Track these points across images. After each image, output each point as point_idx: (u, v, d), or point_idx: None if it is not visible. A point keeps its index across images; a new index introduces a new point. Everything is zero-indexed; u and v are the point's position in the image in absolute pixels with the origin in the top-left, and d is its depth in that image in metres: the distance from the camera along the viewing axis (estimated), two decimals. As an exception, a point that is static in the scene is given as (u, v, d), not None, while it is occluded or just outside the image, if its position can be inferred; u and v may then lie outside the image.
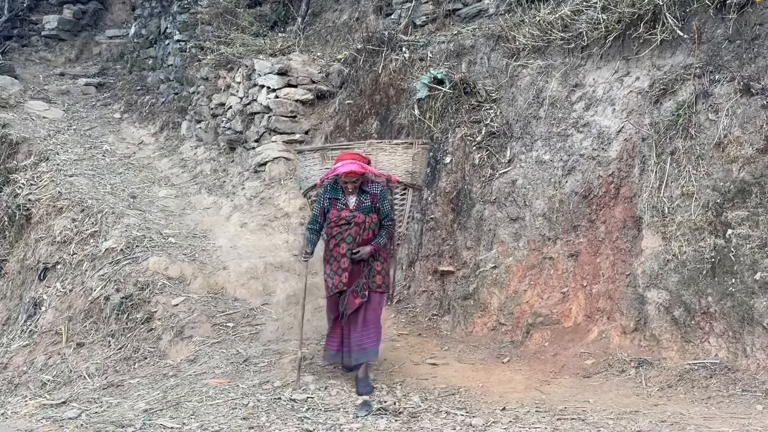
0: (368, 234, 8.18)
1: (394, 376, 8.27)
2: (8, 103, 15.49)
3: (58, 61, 18.01)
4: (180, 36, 16.03)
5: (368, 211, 8.19)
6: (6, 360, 10.70)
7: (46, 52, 18.06)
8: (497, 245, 9.40)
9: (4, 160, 13.89)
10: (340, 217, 8.18)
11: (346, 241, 8.17)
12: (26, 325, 11.12)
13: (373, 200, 8.21)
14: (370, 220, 8.18)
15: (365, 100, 11.61)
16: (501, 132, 9.81)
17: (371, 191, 8.23)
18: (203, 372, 8.64)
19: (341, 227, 8.20)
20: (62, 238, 11.81)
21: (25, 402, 8.88)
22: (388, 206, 8.31)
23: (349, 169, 8.04)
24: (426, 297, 9.89)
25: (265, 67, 12.92)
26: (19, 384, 10.01)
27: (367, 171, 8.19)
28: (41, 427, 7.60)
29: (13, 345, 10.95)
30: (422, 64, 11.02)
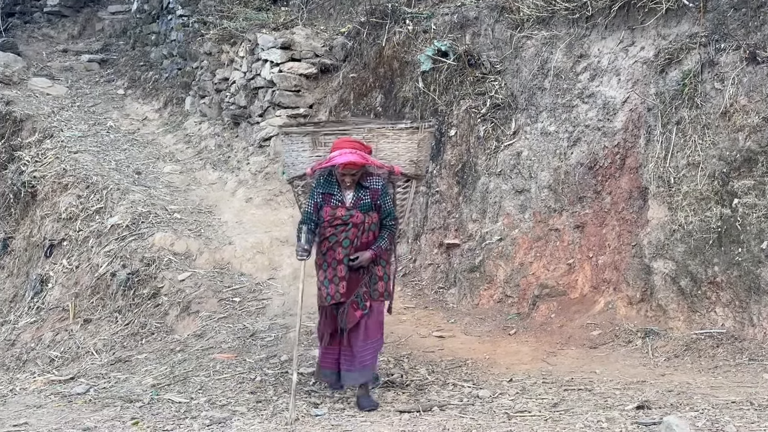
0: (368, 236, 7.14)
1: (401, 349, 8.28)
2: (12, 81, 15.47)
3: (60, 37, 17.96)
4: (182, 11, 15.95)
5: (368, 209, 7.15)
6: (14, 337, 10.74)
7: (49, 29, 18.02)
8: (503, 217, 9.39)
9: (8, 137, 13.89)
10: (335, 216, 7.11)
11: (342, 244, 7.09)
12: (33, 302, 11.15)
13: (373, 196, 7.17)
14: (369, 219, 7.14)
15: (369, 74, 11.57)
16: (506, 104, 9.77)
17: (371, 186, 7.19)
18: (210, 347, 8.66)
19: (336, 228, 7.11)
20: (68, 215, 11.82)
21: (34, 378, 8.91)
22: (390, 203, 7.32)
23: (347, 159, 6.96)
24: (432, 270, 9.89)
25: (268, 41, 12.87)
26: (28, 360, 10.05)
27: (369, 162, 7.15)
28: (50, 403, 7.65)
29: (20, 322, 10.98)
30: (426, 37, 10.96)
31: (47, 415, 7.14)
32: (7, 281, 11.95)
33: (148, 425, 6.59)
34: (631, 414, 6.16)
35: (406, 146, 7.59)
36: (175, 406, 7.09)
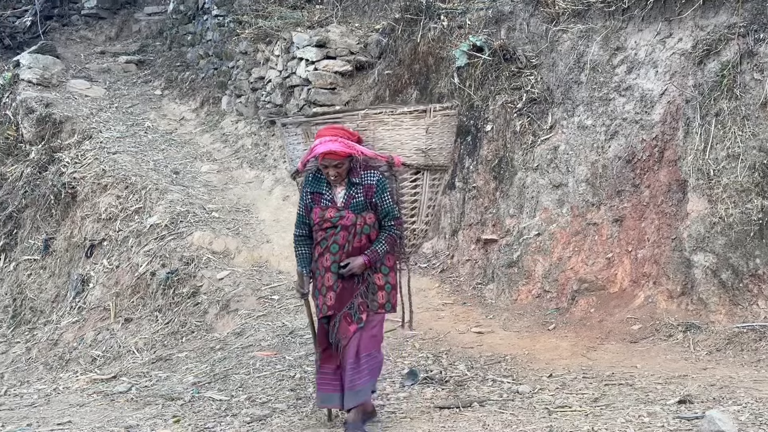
0: (361, 240, 6.32)
1: (440, 345, 8.27)
2: (51, 83, 15.62)
3: (98, 39, 18.12)
4: (218, 11, 16.04)
5: (361, 208, 6.31)
6: (57, 336, 10.87)
7: (87, 31, 18.18)
8: (540, 212, 9.35)
9: (48, 139, 14.03)
10: (324, 218, 6.33)
11: (330, 250, 6.31)
12: (75, 301, 11.27)
13: (367, 193, 6.32)
14: (362, 221, 6.31)
15: (404, 70, 11.56)
16: (542, 98, 9.73)
17: (365, 181, 6.33)
18: (250, 345, 8.70)
19: (326, 232, 6.34)
20: (107, 215, 11.93)
21: (77, 377, 9.02)
22: (390, 200, 6.37)
23: (326, 149, 6.17)
24: (470, 266, 9.86)
25: (303, 39, 12.91)
26: (70, 360, 10.16)
27: (355, 151, 6.25)
28: (93, 402, 7.73)
29: (63, 321, 11.11)
30: (461, 32, 10.93)
31: (90, 414, 7.22)
32: (49, 281, 12.08)
33: (189, 423, 6.65)
34: (673, 408, 6.11)
35: (411, 133, 6.63)
36: (216, 403, 7.14)
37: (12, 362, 10.73)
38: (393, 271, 6.56)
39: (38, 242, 12.79)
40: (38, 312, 11.86)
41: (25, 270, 12.56)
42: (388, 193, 6.40)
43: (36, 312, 11.84)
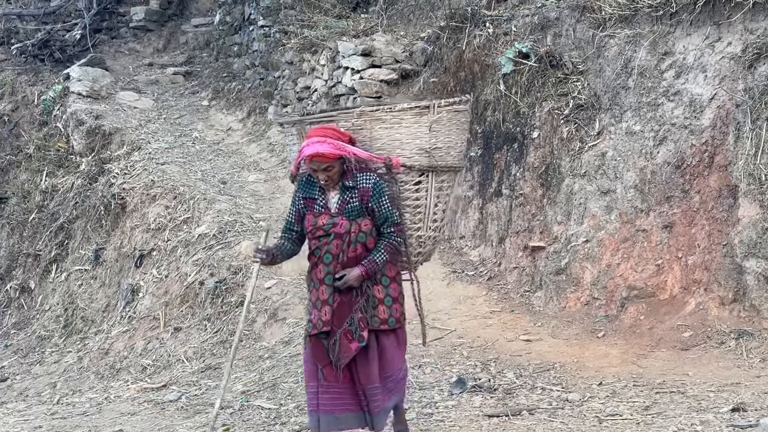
0: (356, 249, 5.84)
1: (488, 353, 8.24)
2: (100, 95, 15.81)
3: (146, 51, 18.32)
4: (264, 21, 16.13)
5: (356, 214, 5.84)
6: (107, 346, 10.98)
7: (135, 43, 18.39)
8: (588, 219, 9.28)
9: (98, 150, 14.20)
10: (317, 225, 5.87)
11: (323, 260, 5.83)
12: (125, 311, 11.38)
13: (363, 198, 5.83)
14: (357, 228, 5.83)
15: (450, 78, 11.55)
16: (589, 104, 9.66)
17: (360, 185, 5.85)
18: (298, 353, 8.71)
19: (319, 240, 5.87)
20: (156, 225, 12.04)
21: (127, 386, 9.11)
22: (388, 205, 5.86)
23: (313, 151, 5.72)
24: (517, 273, 9.82)
25: (348, 48, 12.95)
26: (121, 369, 10.26)
27: (345, 152, 5.77)
28: (144, 410, 7.80)
29: (113, 331, 11.22)
30: (506, 39, 10.90)
31: (141, 422, 7.29)
32: (99, 291, 12.22)
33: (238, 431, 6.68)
34: (726, 417, 6.04)
35: (412, 131, 6.10)
36: (265, 412, 7.17)
37: (64, 371, 10.86)
38: (394, 282, 6.04)
39: (89, 253, 12.94)
40: (89, 321, 11.99)
41: (77, 280, 12.71)
42: (386, 198, 5.88)
43: (87, 321, 11.98)
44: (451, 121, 6.22)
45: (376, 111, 6.08)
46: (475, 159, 10.72)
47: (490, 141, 10.60)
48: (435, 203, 6.27)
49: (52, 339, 12.03)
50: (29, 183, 14.70)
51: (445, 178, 6.33)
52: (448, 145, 6.21)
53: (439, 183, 6.27)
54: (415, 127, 6.05)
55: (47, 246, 13.55)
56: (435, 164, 6.14)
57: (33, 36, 17.07)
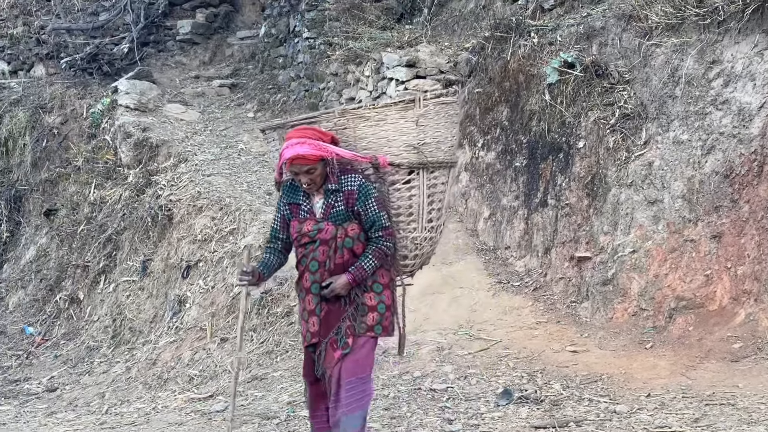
0: (344, 256, 5.62)
1: (534, 364, 8.20)
2: (148, 108, 15.96)
3: (192, 64, 18.47)
4: (309, 33, 16.21)
5: (342, 219, 5.63)
6: (155, 356, 11.06)
7: (181, 56, 18.54)
8: (635, 229, 9.20)
9: (145, 162, 14.33)
10: (302, 232, 5.66)
11: (309, 269, 5.63)
12: (172, 322, 11.47)
13: (348, 201, 5.62)
14: (344, 233, 5.61)
15: (494, 88, 11.52)
16: (635, 113, 9.59)
17: (344, 187, 5.62)
18: (343, 363, 8.74)
19: (305, 248, 5.67)
20: (203, 237, 12.12)
21: (175, 396, 9.18)
22: (375, 207, 5.62)
23: (293, 153, 5.48)
24: (563, 284, 9.76)
25: (393, 59, 12.97)
26: (168, 379, 10.33)
27: (327, 153, 5.52)
28: (191, 420, 7.86)
29: (160, 341, 11.31)
30: (552, 49, 10.86)
31: (188, 432, 7.34)
32: (147, 302, 12.32)
33: (285, 441, 6.71)
34: (778, 429, 5.96)
35: (398, 127, 5.81)
36: (311, 422, 7.17)
37: (112, 381, 10.95)
38: (388, 289, 5.75)
39: (136, 264, 13.05)
40: (137, 332, 12.09)
41: (124, 291, 12.83)
42: (372, 200, 5.63)
43: (135, 332, 12.08)
44: (439, 115, 5.96)
45: (359, 109, 5.92)
46: (520, 169, 10.68)
47: (535, 151, 10.56)
48: (429, 202, 5.97)
49: (100, 349, 12.15)
50: (78, 195, 14.87)
51: (437, 175, 6.03)
52: (438, 140, 5.95)
53: (431, 180, 5.98)
54: (402, 123, 5.80)
55: (96, 257, 13.69)
56: (425, 161, 5.87)
57: (82, 50, 17.28)
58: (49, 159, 15.82)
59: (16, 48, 18.33)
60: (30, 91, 17.06)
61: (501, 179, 10.94)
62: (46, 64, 17.92)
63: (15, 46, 18.37)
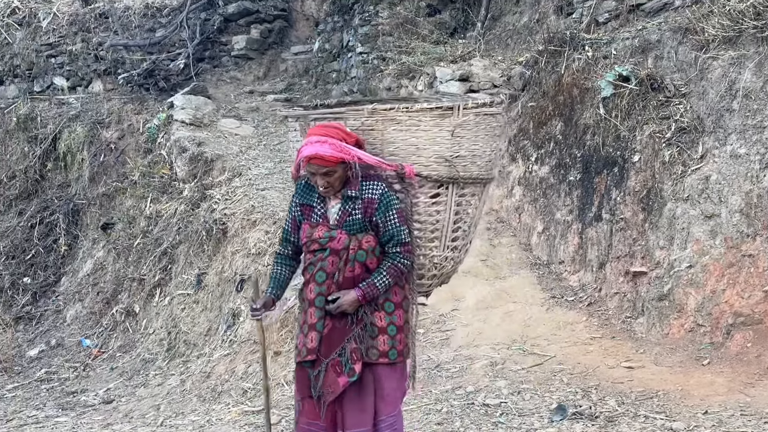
0: (355, 269, 5.17)
1: (589, 380, 8.12)
2: (203, 123, 16.11)
3: (247, 79, 18.62)
4: (362, 48, 16.28)
5: (357, 229, 5.18)
6: (209, 369, 11.14)
7: (236, 72, 18.71)
8: (692, 244, 9.09)
9: (200, 177, 14.46)
10: (312, 237, 5.23)
11: (315, 279, 5.19)
12: (226, 335, 11.54)
13: (367, 210, 5.16)
14: (357, 244, 5.15)
15: (548, 102, 11.48)
16: (692, 127, 9.49)
17: (365, 195, 5.16)
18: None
19: (314, 255, 5.23)
20: (257, 250, 12.19)
21: (228, 409, 9.22)
22: (396, 220, 5.16)
23: (312, 152, 5.06)
24: (618, 299, 9.66)
25: (446, 74, 12.99)
26: (222, 392, 10.39)
27: (348, 156, 5.05)
28: (244, 433, 7.89)
29: (215, 354, 11.38)
30: (606, 62, 10.79)
31: (242, 445, 7.37)
32: (201, 315, 12.41)
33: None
34: (840, 449, 5.84)
35: (432, 135, 5.27)
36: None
37: (167, 394, 11.05)
38: (400, 308, 5.27)
39: (191, 277, 13.16)
40: (191, 345, 12.18)
41: (179, 304, 12.94)
42: (394, 212, 5.14)
43: (189, 345, 12.18)
44: (479, 126, 5.43)
45: (392, 109, 5.29)
46: (575, 183, 10.61)
47: (589, 165, 10.49)
48: (455, 220, 5.48)
49: (156, 362, 12.26)
50: (134, 209, 15.05)
51: (467, 192, 5.53)
52: (474, 154, 5.44)
53: (459, 197, 5.48)
54: (436, 131, 5.28)
55: (151, 270, 13.83)
56: (456, 175, 5.37)
57: (139, 66, 17.52)
58: (106, 174, 16.03)
59: (75, 64, 18.66)
60: (88, 106, 17.34)
61: (555, 193, 10.88)
62: (103, 79, 18.22)
63: (74, 62, 18.70)
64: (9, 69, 19.37)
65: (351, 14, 17.23)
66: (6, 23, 19.52)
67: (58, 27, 19.17)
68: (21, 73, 19.23)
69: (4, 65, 19.38)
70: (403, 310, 5.30)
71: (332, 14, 18.14)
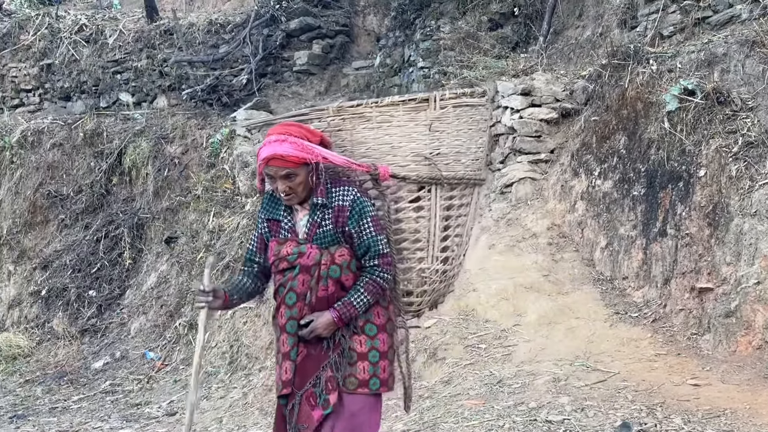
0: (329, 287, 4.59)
1: (654, 397, 8.00)
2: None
3: (308, 94, 18.76)
4: (423, 63, 16.31)
5: (329, 241, 4.60)
6: (271, 382, 11.13)
7: (298, 87, 18.86)
8: (760, 260, 8.93)
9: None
10: (279, 256, 4.65)
11: (285, 301, 4.64)
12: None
13: (338, 220, 4.59)
14: (330, 259, 4.57)
15: (611, 116, 11.38)
16: (759, 141, 9.35)
17: (334, 203, 4.58)
18: (458, 393, 8.70)
19: (283, 275, 4.67)
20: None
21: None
22: (372, 229, 4.58)
23: (270, 152, 4.48)
24: (683, 315, 9.52)
25: (508, 88, 12.94)
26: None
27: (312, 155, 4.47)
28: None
29: (276, 368, 11.43)
30: (671, 76, 10.68)
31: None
32: (263, 329, 12.48)
33: (400, 470, 6.70)
34: None
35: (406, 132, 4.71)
36: (426, 451, 7.17)
37: (230, 407, 11.12)
38: (384, 332, 4.71)
39: (253, 291, 13.24)
40: (253, 358, 12.25)
41: (241, 318, 13.02)
42: (368, 219, 4.56)
43: (251, 358, 12.25)
44: (461, 119, 4.88)
45: (359, 105, 4.74)
46: (638, 198, 10.50)
47: (654, 180, 10.37)
48: (443, 227, 4.90)
49: (218, 375, 12.35)
50: (197, 223, 15.21)
51: (455, 195, 4.95)
52: (458, 151, 4.87)
53: (445, 200, 4.90)
54: (411, 127, 4.73)
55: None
56: (439, 175, 4.79)
57: (202, 81, 17.76)
58: (170, 188, 16.23)
59: (140, 80, 18.98)
60: (153, 121, 17.59)
61: (618, 208, 10.77)
62: (168, 95, 18.50)
63: (139, 78, 19.02)
64: (76, 85, 19.77)
65: (412, 29, 17.28)
66: (74, 40, 19.92)
67: (124, 44, 19.52)
68: (88, 89, 19.61)
69: (72, 81, 19.78)
70: (387, 334, 4.75)
71: (393, 29, 18.22)
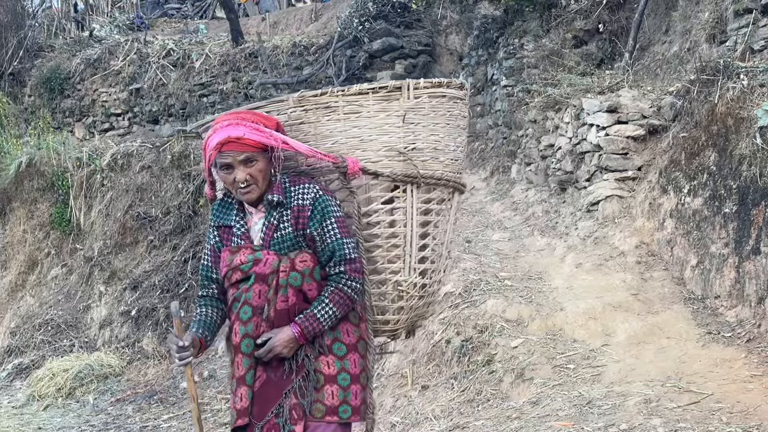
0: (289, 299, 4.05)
1: (750, 419, 7.80)
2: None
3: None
4: (506, 81, 16.28)
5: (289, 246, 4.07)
6: (358, 402, 11.21)
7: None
8: None
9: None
10: (232, 266, 4.11)
11: (239, 317, 4.09)
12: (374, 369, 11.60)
13: (298, 221, 4.06)
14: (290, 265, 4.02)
15: (701, 132, 11.18)
16: None
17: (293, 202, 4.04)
18: (546, 414, 8.59)
19: (238, 287, 4.13)
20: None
21: (378, 442, 9.25)
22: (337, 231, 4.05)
23: (224, 135, 3.97)
24: (779, 335, 9.28)
25: (593, 105, 12.82)
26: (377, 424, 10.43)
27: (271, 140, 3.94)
28: (393, 466, 7.89)
29: (365, 388, 11.46)
30: (763, 91, 10.44)
31: (392, 478, 7.37)
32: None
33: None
34: None
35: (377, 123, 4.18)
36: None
37: (316, 425, 11.16)
38: (355, 352, 4.17)
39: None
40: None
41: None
42: (333, 220, 4.04)
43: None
44: (438, 112, 4.34)
45: (323, 95, 4.21)
46: (730, 215, 10.27)
47: (746, 197, 10.14)
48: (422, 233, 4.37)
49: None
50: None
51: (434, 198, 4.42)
52: (435, 147, 4.35)
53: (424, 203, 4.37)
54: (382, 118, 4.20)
55: (299, 303, 14.06)
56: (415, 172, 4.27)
57: (287, 103, 17.98)
58: (255, 208, 16.42)
59: (226, 102, 19.31)
60: (238, 143, 17.83)
61: (709, 226, 10.56)
62: (253, 117, 18.77)
63: (225, 100, 19.35)
64: (164, 108, 20.19)
65: (495, 48, 17.26)
66: (161, 65, 20.34)
67: (210, 67, 19.88)
68: (175, 112, 20.02)
69: (160, 105, 20.21)
70: (360, 355, 4.21)
71: (476, 48, 18.21)
